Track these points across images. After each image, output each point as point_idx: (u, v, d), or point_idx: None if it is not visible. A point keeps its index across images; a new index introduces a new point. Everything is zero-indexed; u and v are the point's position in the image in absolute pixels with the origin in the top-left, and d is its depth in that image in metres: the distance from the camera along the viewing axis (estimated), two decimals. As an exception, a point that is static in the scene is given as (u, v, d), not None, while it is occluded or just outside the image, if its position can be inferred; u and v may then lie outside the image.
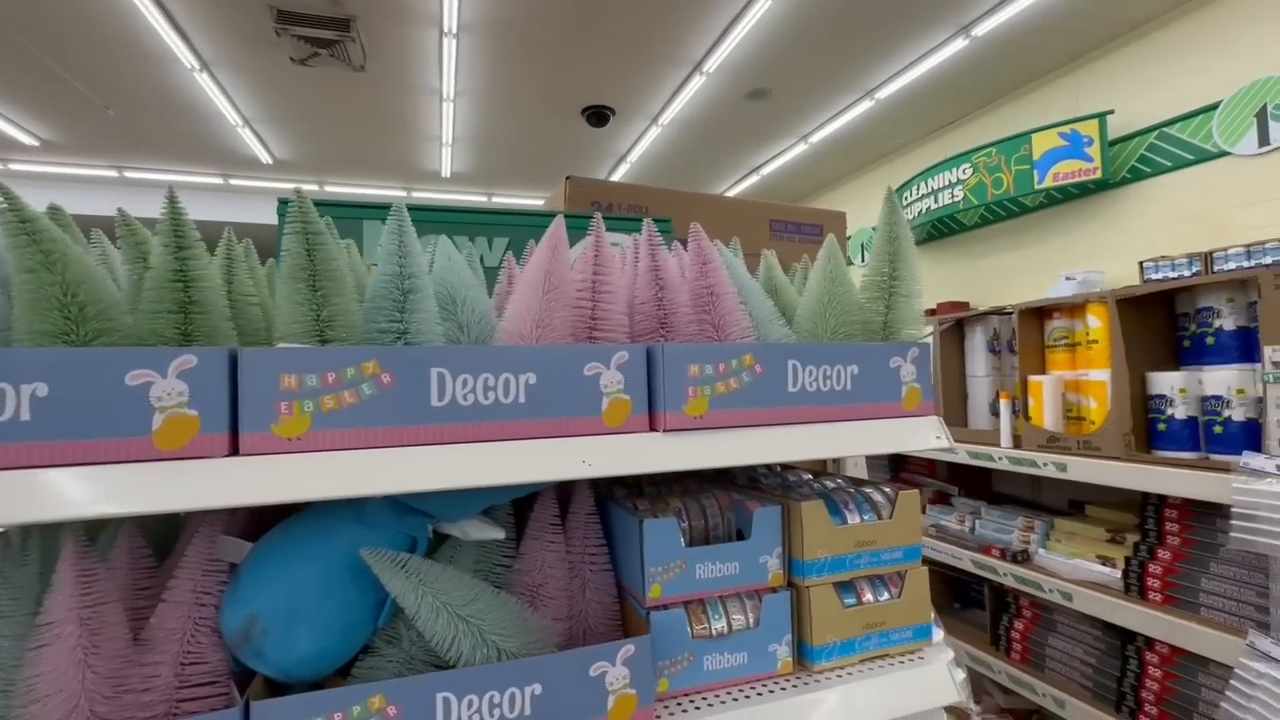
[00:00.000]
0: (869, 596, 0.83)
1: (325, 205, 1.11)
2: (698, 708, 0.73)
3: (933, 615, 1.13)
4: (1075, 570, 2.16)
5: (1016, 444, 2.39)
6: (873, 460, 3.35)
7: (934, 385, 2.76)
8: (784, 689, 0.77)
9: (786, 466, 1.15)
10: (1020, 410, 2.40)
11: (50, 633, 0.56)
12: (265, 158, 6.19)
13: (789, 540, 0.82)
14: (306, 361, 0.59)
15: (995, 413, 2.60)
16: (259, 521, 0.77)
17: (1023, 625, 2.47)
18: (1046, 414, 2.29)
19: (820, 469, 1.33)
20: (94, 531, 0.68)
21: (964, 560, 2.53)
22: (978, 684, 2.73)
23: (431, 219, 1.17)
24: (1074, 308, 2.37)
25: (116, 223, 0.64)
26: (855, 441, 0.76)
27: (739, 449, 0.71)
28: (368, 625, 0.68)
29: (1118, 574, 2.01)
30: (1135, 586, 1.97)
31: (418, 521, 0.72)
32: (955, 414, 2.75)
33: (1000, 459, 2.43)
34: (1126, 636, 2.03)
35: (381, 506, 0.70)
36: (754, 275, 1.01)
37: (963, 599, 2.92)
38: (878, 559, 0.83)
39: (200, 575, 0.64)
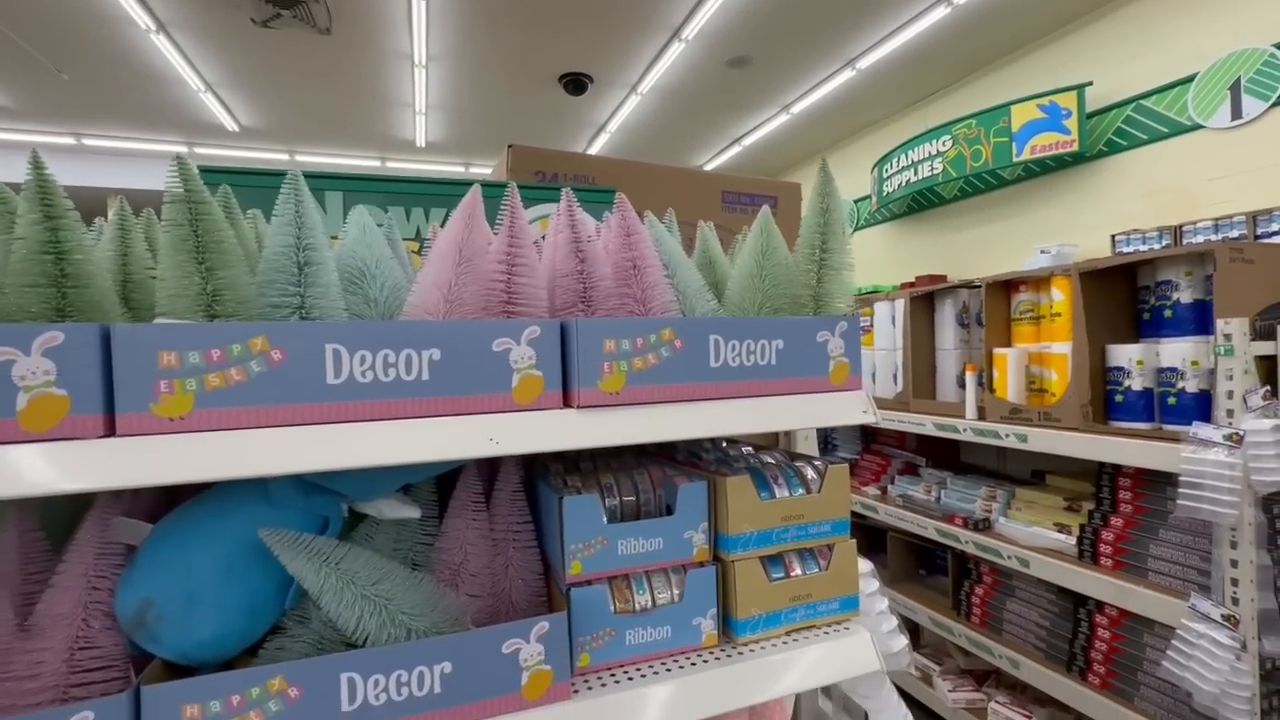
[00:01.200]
0: (797, 570, 0.83)
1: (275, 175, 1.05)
2: (618, 681, 0.73)
3: (875, 585, 1.14)
4: (1033, 538, 2.21)
5: (981, 415, 2.42)
6: (845, 431, 3.38)
7: (904, 358, 2.78)
8: (707, 661, 0.77)
9: (731, 440, 1.14)
10: (985, 383, 2.43)
11: (-77, 619, 0.54)
12: (231, 125, 5.98)
13: (715, 515, 0.82)
14: (188, 338, 0.56)
15: (962, 385, 2.62)
16: (169, 503, 0.75)
17: (983, 591, 2.54)
18: (1010, 386, 2.32)
19: (772, 442, 1.33)
20: (-16, 515, 0.66)
21: (929, 529, 2.58)
22: (940, 647, 2.82)
23: (367, 189, 1.12)
24: (1040, 281, 2.38)
25: (-13, 190, 0.60)
26: (778, 417, 0.75)
27: (657, 426, 0.70)
28: (274, 607, 0.67)
29: (1072, 541, 2.06)
30: (1089, 553, 2.02)
31: (329, 501, 0.70)
32: (924, 386, 2.77)
33: (965, 430, 2.46)
34: (1079, 600, 2.09)
35: (287, 485, 0.68)
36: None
37: (928, 566, 2.99)
38: (805, 533, 0.83)
39: (93, 558, 0.62)
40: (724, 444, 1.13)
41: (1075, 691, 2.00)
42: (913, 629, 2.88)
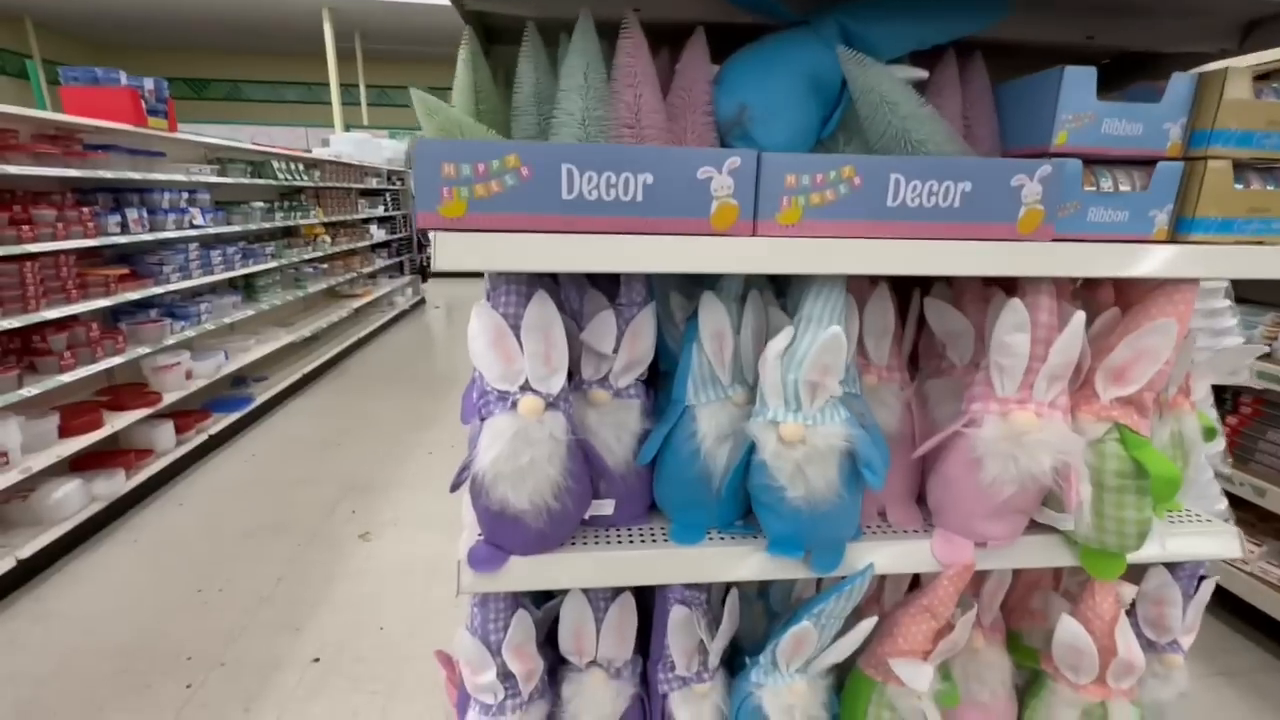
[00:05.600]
0: (1256, 184, 0.84)
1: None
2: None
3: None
4: (1336, 365, 1.99)
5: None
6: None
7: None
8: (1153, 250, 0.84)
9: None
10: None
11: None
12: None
13: (1198, 110, 0.82)
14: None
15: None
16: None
17: (1237, 420, 2.41)
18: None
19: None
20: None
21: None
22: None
23: None
24: None
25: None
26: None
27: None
28: (814, 134, 0.84)
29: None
30: None
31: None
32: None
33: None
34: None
35: (834, 34, 0.81)
36: None
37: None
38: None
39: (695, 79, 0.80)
40: None
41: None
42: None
